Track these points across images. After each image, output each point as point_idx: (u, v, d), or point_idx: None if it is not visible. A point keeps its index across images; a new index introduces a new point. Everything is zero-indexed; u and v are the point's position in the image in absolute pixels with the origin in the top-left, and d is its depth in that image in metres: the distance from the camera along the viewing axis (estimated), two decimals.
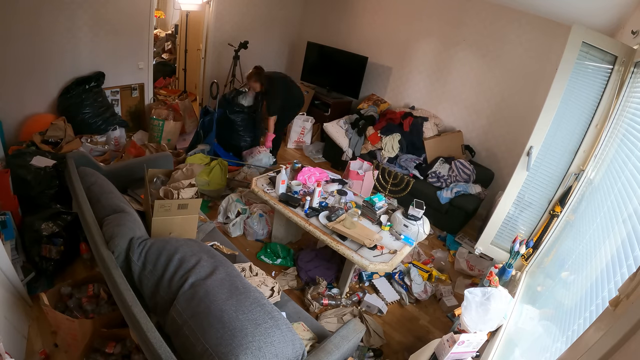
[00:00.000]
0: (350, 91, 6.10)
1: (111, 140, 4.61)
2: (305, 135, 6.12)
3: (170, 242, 2.10)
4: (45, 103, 4.37)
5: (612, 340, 0.95)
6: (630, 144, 1.90)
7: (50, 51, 4.17)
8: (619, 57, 2.57)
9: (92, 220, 2.20)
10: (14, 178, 3.04)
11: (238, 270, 2.14)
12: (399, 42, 5.66)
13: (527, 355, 1.81)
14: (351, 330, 2.06)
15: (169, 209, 2.49)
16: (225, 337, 1.58)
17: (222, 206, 3.96)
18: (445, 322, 3.21)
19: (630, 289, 1.01)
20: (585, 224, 2.09)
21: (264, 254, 3.57)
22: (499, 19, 4.57)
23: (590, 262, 1.65)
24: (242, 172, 4.71)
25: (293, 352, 1.71)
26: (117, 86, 4.95)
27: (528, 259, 2.73)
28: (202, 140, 4.77)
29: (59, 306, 2.39)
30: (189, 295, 1.80)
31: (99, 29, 4.48)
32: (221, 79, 5.62)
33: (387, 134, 5.14)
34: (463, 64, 5.03)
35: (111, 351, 2.23)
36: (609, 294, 1.25)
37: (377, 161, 4.94)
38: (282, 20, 6.63)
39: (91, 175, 2.65)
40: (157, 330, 1.62)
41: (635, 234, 1.30)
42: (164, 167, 3.27)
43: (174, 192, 2.59)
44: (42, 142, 3.99)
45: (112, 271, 1.88)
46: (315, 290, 3.14)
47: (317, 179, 3.54)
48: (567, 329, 1.46)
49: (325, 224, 3.00)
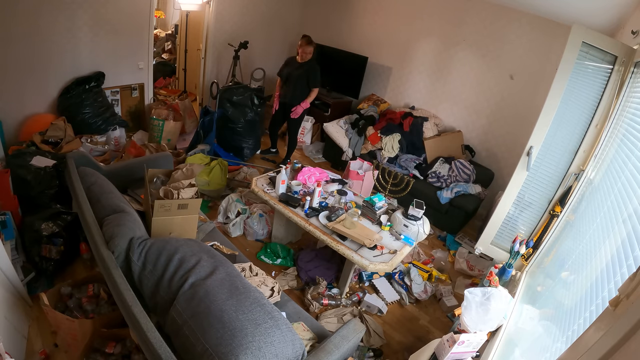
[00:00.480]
0: (350, 91, 6.11)
1: (111, 140, 4.61)
2: (305, 135, 6.13)
3: (170, 242, 2.10)
4: (45, 103, 4.37)
5: (612, 340, 0.95)
6: (630, 144, 1.90)
7: (50, 51, 4.17)
8: (619, 57, 2.57)
9: (92, 220, 2.20)
10: (14, 178, 3.04)
11: (238, 270, 2.14)
12: (399, 42, 5.66)
13: (527, 355, 1.81)
14: (351, 330, 2.06)
15: (169, 209, 2.49)
16: (225, 337, 1.58)
17: (222, 206, 3.96)
18: (445, 322, 3.21)
19: (630, 289, 1.01)
20: (585, 224, 2.09)
21: (264, 254, 3.57)
22: (499, 18, 4.57)
23: (590, 262, 1.65)
24: (242, 172, 4.72)
25: (293, 352, 1.71)
26: (117, 86, 4.95)
27: (528, 259, 2.74)
28: (202, 140, 4.78)
29: (59, 306, 2.39)
30: (189, 295, 1.80)
31: (99, 29, 4.48)
32: (221, 79, 5.62)
33: (387, 134, 5.14)
34: (463, 64, 5.03)
35: (111, 351, 2.23)
36: (609, 294, 1.25)
37: (377, 161, 4.94)
38: (282, 20, 6.63)
39: (91, 175, 2.65)
40: (157, 330, 1.61)
41: (635, 234, 1.30)
42: (164, 167, 3.27)
43: (174, 192, 2.59)
44: (42, 142, 3.99)
45: (112, 271, 1.88)
46: (315, 290, 3.14)
47: (317, 179, 3.54)
48: (567, 329, 1.46)
49: (325, 224, 3.00)
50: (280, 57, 6.89)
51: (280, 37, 6.79)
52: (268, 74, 6.27)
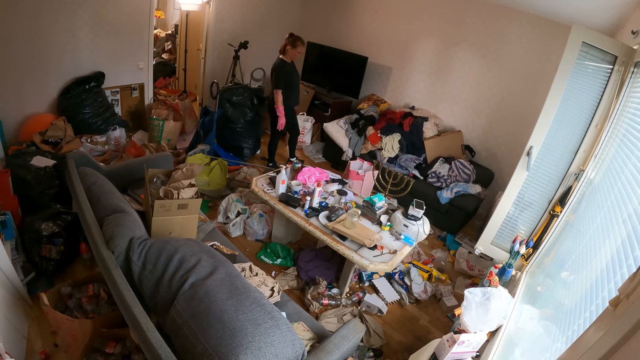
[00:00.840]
0: (350, 91, 6.10)
1: (111, 140, 4.61)
2: (305, 135, 6.12)
3: (170, 242, 2.10)
4: (45, 103, 4.37)
5: (612, 340, 0.95)
6: (630, 144, 1.90)
7: (50, 51, 4.17)
8: (619, 57, 2.56)
9: (92, 220, 2.20)
10: (14, 178, 3.04)
11: (238, 270, 2.14)
12: (399, 42, 5.66)
13: (527, 355, 1.81)
14: (351, 330, 2.06)
15: (169, 209, 2.49)
16: (225, 337, 1.58)
17: (222, 206, 3.96)
18: (445, 322, 3.21)
19: (630, 289, 1.01)
20: (585, 224, 2.09)
21: (264, 254, 3.57)
22: (499, 18, 4.56)
23: (590, 262, 1.64)
24: (242, 172, 4.72)
25: (293, 352, 1.71)
26: (117, 86, 4.95)
27: (528, 259, 2.73)
28: (202, 140, 4.78)
29: (59, 306, 2.39)
30: (189, 295, 1.80)
31: (99, 29, 4.49)
32: (221, 79, 5.62)
33: (387, 134, 5.14)
34: (463, 64, 5.02)
35: (111, 351, 2.23)
36: (609, 294, 1.25)
37: (377, 161, 4.94)
38: (282, 20, 6.63)
39: (91, 175, 2.65)
40: (157, 330, 1.61)
41: (636, 234, 1.30)
42: (164, 167, 3.27)
43: (174, 192, 2.59)
44: (42, 142, 3.99)
45: (112, 271, 1.88)
46: (315, 290, 3.14)
47: (317, 179, 3.54)
48: (567, 329, 1.46)
49: (325, 224, 3.00)
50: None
51: (280, 37, 6.72)
52: (268, 74, 6.25)
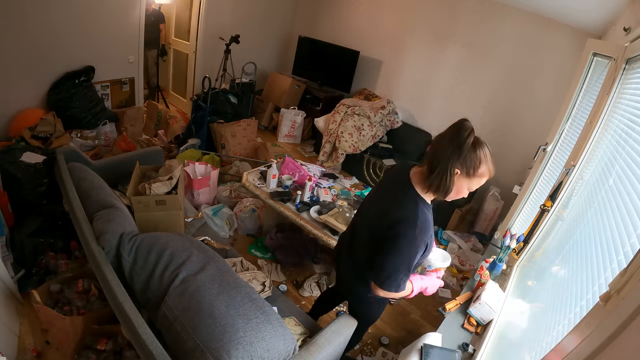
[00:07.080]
0: (341, 85, 6.10)
1: (101, 135, 4.57)
2: (296, 129, 6.11)
3: (161, 238, 2.09)
4: (35, 98, 4.32)
5: (603, 336, 0.96)
6: (621, 139, 1.91)
7: (40, 45, 4.11)
8: (612, 55, 2.59)
9: (82, 216, 2.18)
10: (3, 174, 2.99)
11: (229, 265, 2.14)
12: (390, 36, 5.65)
13: (518, 349, 1.82)
14: (343, 325, 2.06)
15: (147, 205, 2.49)
16: (216, 332, 1.57)
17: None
18: (436, 316, 3.23)
19: (621, 284, 1.01)
20: (575, 219, 2.10)
21: (254, 248, 3.57)
22: (491, 13, 4.56)
23: (581, 257, 1.65)
24: (235, 167, 4.70)
25: (285, 347, 1.71)
26: (107, 80, 4.91)
27: (519, 253, 2.75)
28: (194, 135, 4.75)
29: (49, 303, 2.36)
30: (180, 291, 1.79)
31: (88, 23, 4.43)
32: (212, 74, 5.57)
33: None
34: (455, 59, 5.03)
35: (103, 348, 2.21)
36: (599, 289, 1.26)
37: (368, 155, 4.94)
38: (274, 14, 6.60)
39: (81, 170, 2.62)
40: (148, 326, 1.61)
41: (626, 229, 1.31)
42: (155, 162, 3.24)
43: (147, 188, 2.57)
44: (31, 137, 3.95)
45: (102, 267, 1.87)
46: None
47: (300, 176, 3.51)
48: (557, 324, 1.47)
49: (316, 217, 3.00)
50: (273, 52, 6.88)
51: (272, 31, 6.75)
52: (260, 68, 6.24)
